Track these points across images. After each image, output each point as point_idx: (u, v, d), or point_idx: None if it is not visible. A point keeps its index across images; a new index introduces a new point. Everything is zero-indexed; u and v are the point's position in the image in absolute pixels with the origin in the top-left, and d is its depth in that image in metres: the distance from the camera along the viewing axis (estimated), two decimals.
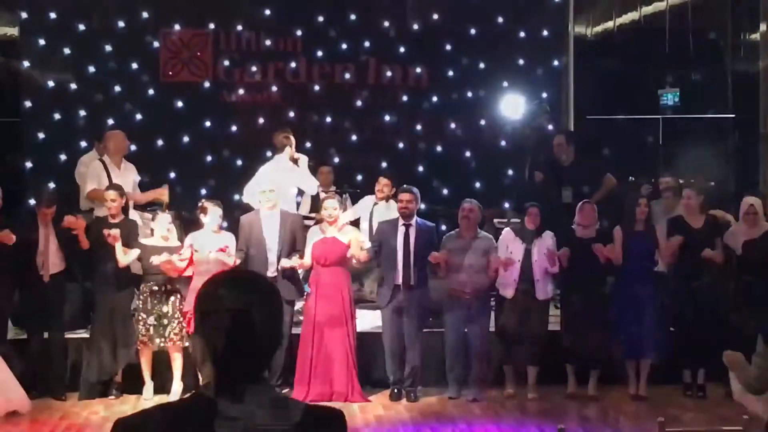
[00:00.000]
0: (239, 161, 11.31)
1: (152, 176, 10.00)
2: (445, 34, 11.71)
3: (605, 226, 8.70)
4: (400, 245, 8.38)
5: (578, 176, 9.80)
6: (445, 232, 9.05)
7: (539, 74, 11.78)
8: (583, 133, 11.24)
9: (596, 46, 12.29)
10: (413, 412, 8.08)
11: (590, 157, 10.41)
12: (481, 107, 11.53)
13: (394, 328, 8.41)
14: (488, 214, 9.49)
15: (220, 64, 11.66)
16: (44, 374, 8.40)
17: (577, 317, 8.44)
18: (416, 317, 8.37)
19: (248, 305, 2.14)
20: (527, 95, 10.64)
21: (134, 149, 9.63)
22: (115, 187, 8.63)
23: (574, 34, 12.15)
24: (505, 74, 11.42)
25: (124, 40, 11.31)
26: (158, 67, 11.58)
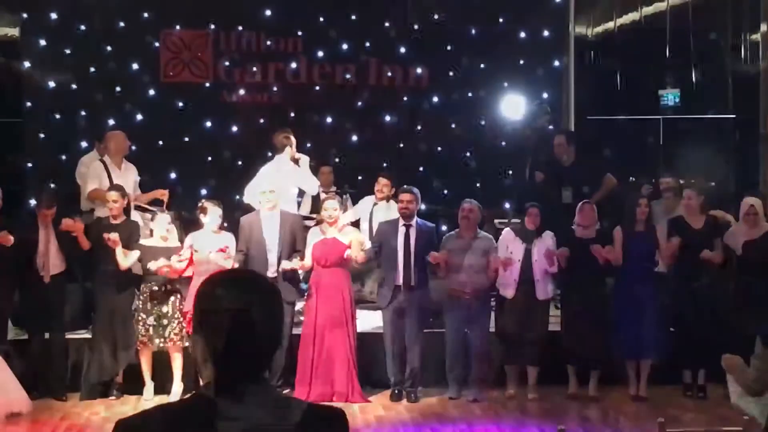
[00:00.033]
0: (240, 161, 11.31)
1: (153, 176, 10.00)
2: (445, 34, 11.70)
3: (606, 226, 8.70)
4: (400, 246, 8.38)
5: (578, 176, 9.79)
6: (445, 232, 9.05)
7: (540, 74, 11.78)
8: (583, 133, 11.24)
9: (597, 46, 12.30)
10: (414, 412, 8.08)
11: (591, 157, 10.41)
12: (481, 107, 11.53)
13: (394, 328, 8.40)
14: (488, 214, 9.49)
15: (220, 64, 11.67)
16: (45, 375, 8.40)
17: (577, 318, 8.43)
18: (417, 318, 8.37)
19: (248, 305, 2.14)
20: (528, 95, 10.64)
21: (135, 149, 9.63)
22: (116, 187, 8.63)
23: (574, 34, 12.16)
24: (505, 74, 11.42)
25: (124, 40, 11.32)
26: (159, 67, 11.60)
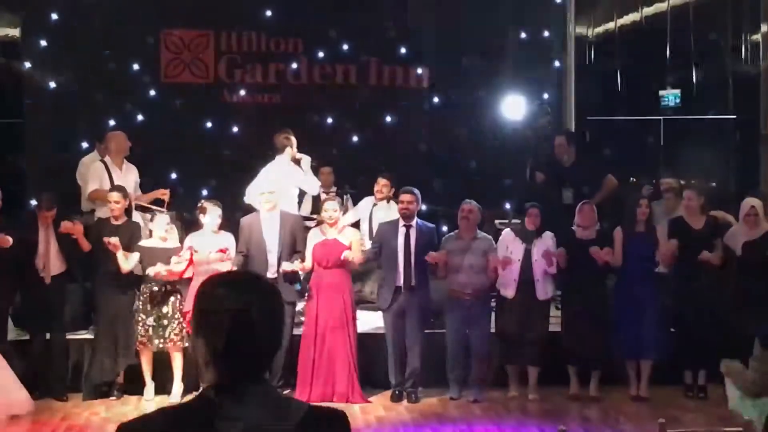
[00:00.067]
0: (240, 162, 11.28)
1: (153, 177, 10.00)
2: (446, 34, 11.69)
3: (606, 227, 8.69)
4: (400, 246, 8.37)
5: (579, 177, 9.79)
6: (446, 233, 9.05)
7: (540, 75, 11.77)
8: (583, 133, 11.24)
9: (597, 46, 12.29)
10: (414, 413, 8.08)
11: (591, 157, 10.41)
12: (482, 108, 11.52)
13: (395, 329, 8.40)
14: (489, 214, 9.48)
15: (221, 65, 11.66)
16: (45, 375, 8.40)
17: (577, 318, 8.43)
18: (417, 318, 8.36)
19: (248, 305, 2.14)
20: (528, 96, 10.65)
21: (135, 150, 9.62)
22: (118, 188, 8.62)
23: (575, 34, 12.16)
24: (506, 75, 11.42)
25: (125, 41, 11.31)
26: (159, 67, 11.59)
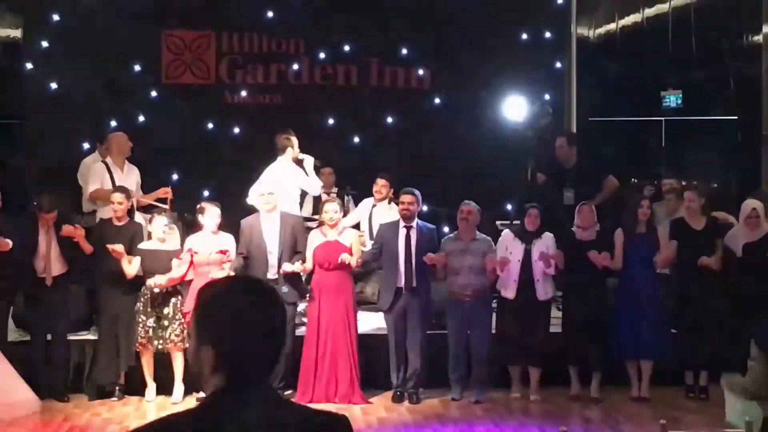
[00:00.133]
0: (242, 163, 11.28)
1: (155, 178, 10.00)
2: (447, 35, 11.69)
3: (607, 228, 8.68)
4: (401, 248, 8.37)
5: (580, 178, 9.79)
6: (447, 234, 9.05)
7: (542, 76, 11.76)
8: (585, 134, 11.24)
9: (599, 47, 12.29)
10: (415, 414, 8.08)
11: (592, 158, 10.41)
12: (483, 109, 11.51)
13: (396, 330, 8.40)
14: (490, 215, 9.48)
15: (222, 65, 11.66)
16: (47, 376, 8.40)
17: (577, 319, 8.43)
18: (418, 320, 8.36)
19: (251, 309, 2.14)
20: (530, 97, 10.62)
21: (137, 151, 9.62)
22: (121, 189, 8.61)
23: (576, 35, 12.16)
24: (507, 76, 11.40)
25: (126, 41, 11.30)
26: (161, 68, 11.59)
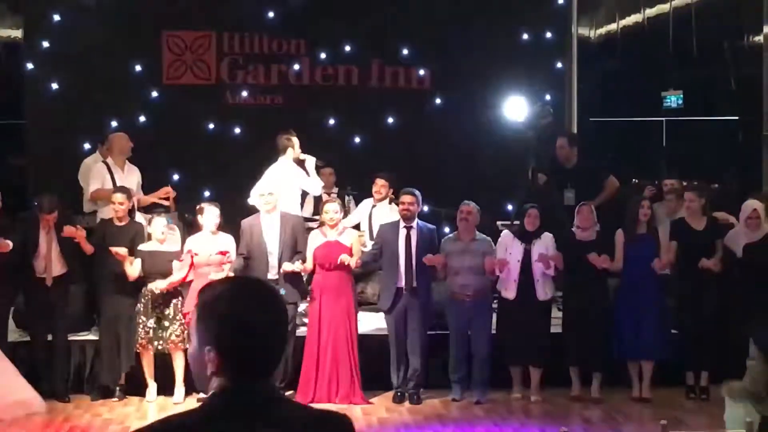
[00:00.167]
0: (243, 163, 11.28)
1: (155, 178, 10.00)
2: (448, 36, 11.68)
3: (608, 228, 8.67)
4: (401, 248, 8.37)
5: (581, 178, 9.79)
6: (447, 234, 9.04)
7: (542, 76, 11.74)
8: (586, 135, 11.23)
9: (599, 47, 12.28)
10: (416, 414, 8.08)
11: (593, 159, 10.40)
12: (483, 109, 11.50)
13: (397, 331, 8.40)
14: (491, 216, 9.48)
15: (223, 66, 11.66)
16: (48, 376, 8.41)
17: (578, 319, 8.43)
18: (419, 320, 8.36)
19: (252, 307, 2.15)
20: (530, 97, 10.62)
21: (137, 151, 9.62)
22: (122, 189, 8.62)
23: (577, 36, 12.15)
24: (508, 76, 11.39)
25: (127, 42, 11.30)
26: (161, 69, 11.58)
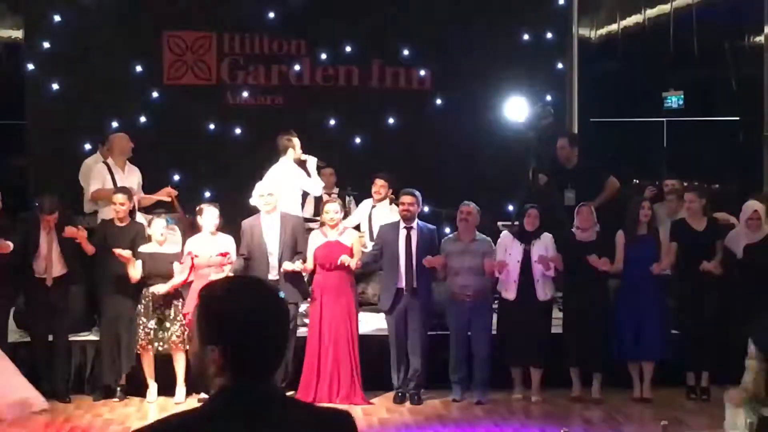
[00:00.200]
0: (243, 164, 11.27)
1: (156, 179, 10.00)
2: (448, 36, 11.68)
3: (608, 229, 8.67)
4: (402, 248, 8.38)
5: (581, 179, 9.79)
6: (447, 234, 9.04)
7: (543, 77, 11.74)
8: (586, 135, 11.23)
9: (600, 48, 12.28)
10: (417, 415, 8.08)
11: (594, 159, 10.40)
12: (484, 110, 11.50)
13: (397, 331, 8.40)
14: (491, 216, 9.47)
15: (223, 66, 11.66)
16: (48, 377, 8.41)
17: (578, 320, 8.43)
18: (419, 320, 8.36)
19: (254, 306, 2.15)
20: (531, 98, 10.61)
21: (138, 152, 9.62)
22: (123, 190, 8.61)
23: (578, 36, 12.15)
24: (508, 76, 11.39)
25: (127, 42, 11.30)
26: (162, 69, 11.58)
